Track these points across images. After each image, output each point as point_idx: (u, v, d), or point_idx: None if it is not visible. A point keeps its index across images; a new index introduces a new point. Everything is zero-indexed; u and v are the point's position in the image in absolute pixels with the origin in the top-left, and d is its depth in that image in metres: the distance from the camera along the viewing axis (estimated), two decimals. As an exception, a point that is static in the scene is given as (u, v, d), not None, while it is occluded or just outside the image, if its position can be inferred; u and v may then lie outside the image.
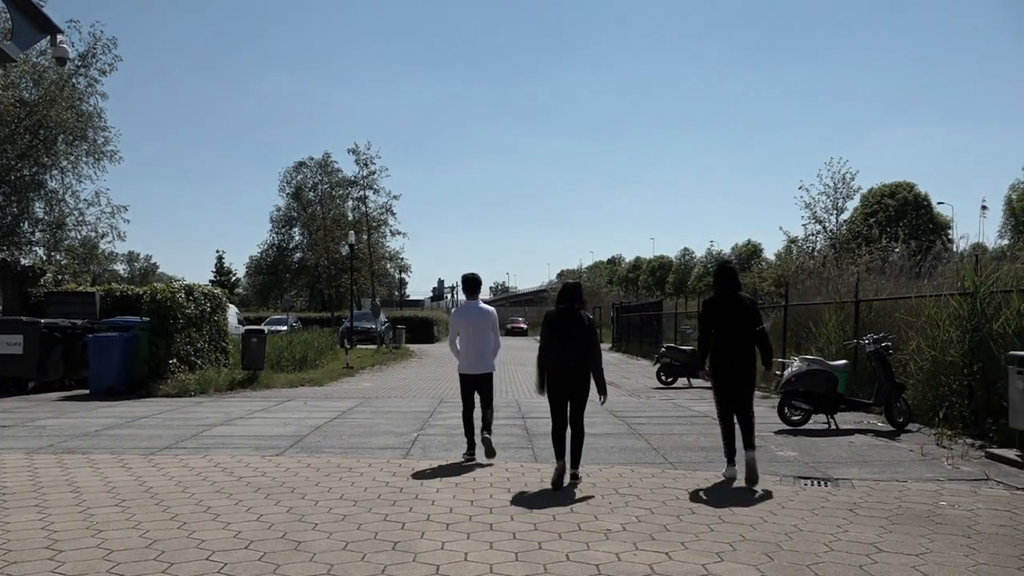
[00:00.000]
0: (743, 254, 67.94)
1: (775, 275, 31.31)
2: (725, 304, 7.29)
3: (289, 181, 60.86)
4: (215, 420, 11.19)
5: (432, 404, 13.52)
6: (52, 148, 30.91)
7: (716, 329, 7.27)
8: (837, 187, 32.05)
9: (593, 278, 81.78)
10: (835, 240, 31.77)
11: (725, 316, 7.25)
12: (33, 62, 28.95)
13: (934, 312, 10.78)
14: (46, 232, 32.82)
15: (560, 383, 6.90)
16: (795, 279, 21.09)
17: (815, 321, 15.39)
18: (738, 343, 7.17)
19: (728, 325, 7.21)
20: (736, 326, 7.18)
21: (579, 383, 6.89)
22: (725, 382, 7.28)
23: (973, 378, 9.72)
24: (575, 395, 6.92)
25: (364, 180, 52.99)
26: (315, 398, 14.60)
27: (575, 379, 6.87)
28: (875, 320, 13.53)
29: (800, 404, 10.46)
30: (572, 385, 6.89)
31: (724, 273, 7.50)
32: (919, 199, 43.47)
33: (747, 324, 7.19)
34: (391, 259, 61.27)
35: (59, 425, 10.67)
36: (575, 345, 6.83)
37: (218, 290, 18.28)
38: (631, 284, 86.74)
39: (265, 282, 63.44)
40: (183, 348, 15.99)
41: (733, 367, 7.18)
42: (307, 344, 22.09)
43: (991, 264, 10.99)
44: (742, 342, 7.17)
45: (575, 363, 6.83)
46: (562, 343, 6.87)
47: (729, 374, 7.21)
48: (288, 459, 8.03)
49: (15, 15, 8.80)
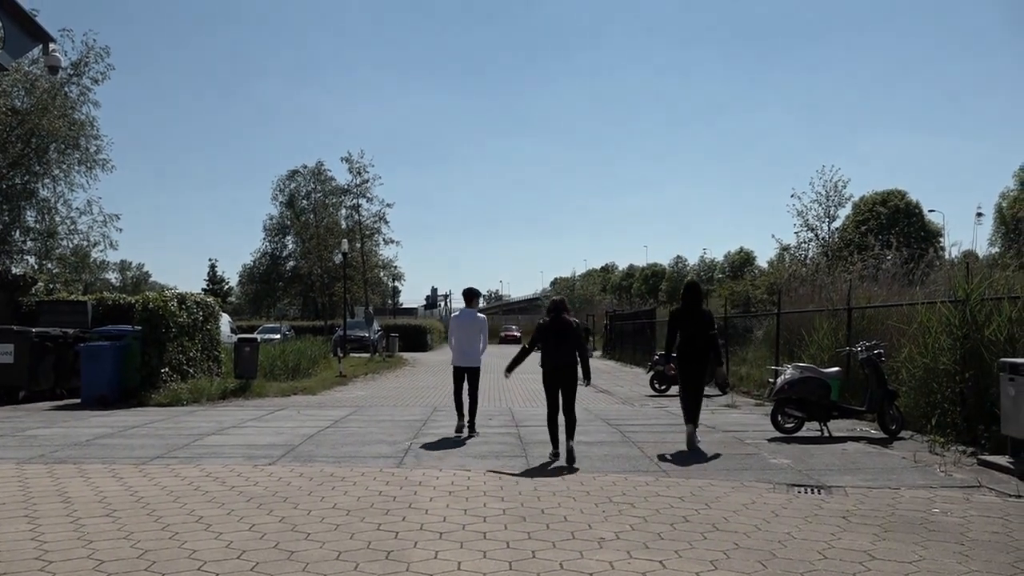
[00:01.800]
0: (736, 262, 68.01)
1: (768, 283, 31.33)
2: (689, 314, 9.46)
3: (282, 189, 60.85)
4: (207, 429, 11.14)
5: (426, 413, 13.49)
6: (44, 157, 30.81)
7: (681, 332, 9.48)
8: (829, 195, 32.18)
9: (586, 286, 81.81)
10: (827, 248, 31.87)
11: (688, 323, 9.44)
12: (25, 70, 28.84)
13: (926, 319, 10.82)
14: (37, 241, 32.67)
15: (554, 377, 8.69)
16: (788, 287, 21.14)
17: (808, 328, 15.43)
18: (697, 343, 9.38)
19: (690, 329, 9.40)
20: (696, 331, 9.39)
21: (569, 376, 8.64)
22: (687, 371, 9.52)
23: (965, 385, 9.75)
24: (566, 386, 8.65)
25: (357, 188, 52.93)
26: (308, 407, 14.55)
27: (566, 374, 8.63)
28: (867, 327, 13.57)
29: (793, 411, 10.47)
30: (564, 378, 8.65)
31: (689, 289, 9.71)
32: (910, 207, 43.62)
33: (704, 329, 9.40)
34: (384, 267, 61.21)
35: (50, 435, 10.61)
36: (566, 346, 8.63)
37: (210, 299, 18.22)
38: (624, 292, 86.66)
39: (258, 290, 63.29)
40: (175, 357, 15.93)
41: (693, 360, 9.46)
42: (300, 353, 22.03)
43: (982, 271, 11.05)
44: (700, 342, 9.37)
45: (566, 361, 8.61)
46: (556, 345, 8.65)
47: (690, 365, 9.49)
48: (281, 468, 8.00)
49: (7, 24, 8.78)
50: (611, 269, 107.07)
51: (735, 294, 32.15)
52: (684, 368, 9.52)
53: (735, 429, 11.17)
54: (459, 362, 10.73)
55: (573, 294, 73.93)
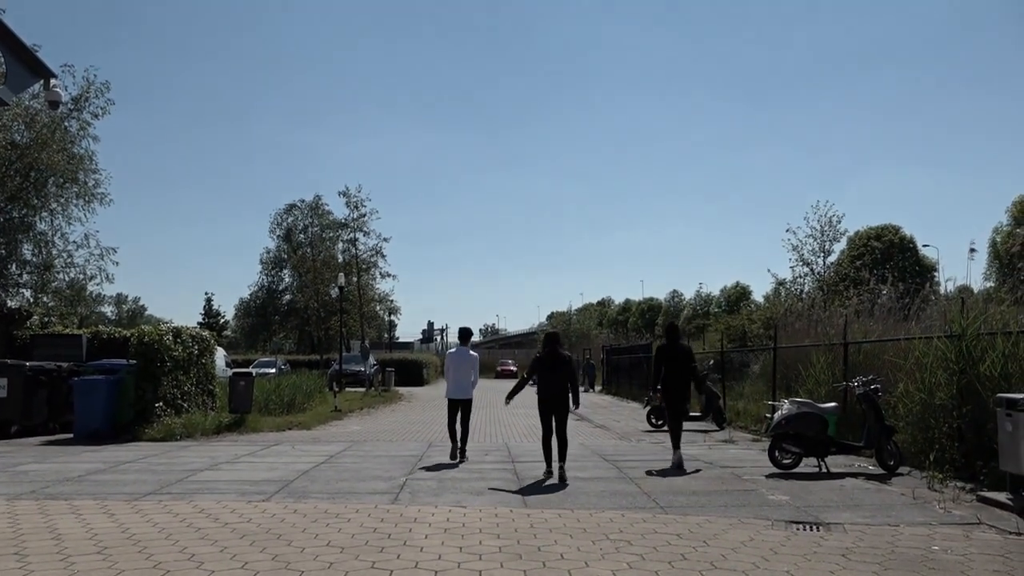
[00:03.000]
0: (732, 296, 68.14)
1: (764, 317, 31.36)
2: (671, 350, 11.00)
3: (280, 223, 61.00)
4: (201, 465, 11.04)
5: (421, 448, 13.39)
6: (42, 190, 30.86)
7: (665, 366, 10.93)
8: (824, 230, 32.32)
9: (583, 320, 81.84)
10: (823, 283, 31.95)
11: (671, 358, 10.93)
12: (26, 105, 29.04)
13: (922, 355, 10.82)
14: (34, 274, 32.60)
15: (548, 404, 10.00)
16: (784, 321, 21.15)
17: (804, 363, 15.41)
18: (679, 375, 10.87)
19: (672, 364, 10.89)
20: (678, 364, 10.89)
21: (562, 403, 9.95)
22: (671, 400, 10.93)
23: (962, 420, 9.73)
24: (558, 412, 9.96)
25: (354, 222, 53.10)
26: (303, 442, 14.44)
27: (559, 401, 9.94)
28: (864, 362, 13.56)
29: (790, 447, 10.42)
30: (557, 405, 9.96)
31: (671, 330, 11.55)
32: (905, 242, 43.84)
33: (685, 363, 10.95)
34: (381, 301, 61.15)
35: (42, 470, 10.50)
36: (559, 377, 9.91)
37: (206, 333, 18.16)
38: (621, 326, 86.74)
39: (254, 324, 63.11)
40: (170, 391, 15.83)
41: (676, 390, 10.90)
42: (295, 387, 21.92)
43: (977, 306, 11.07)
44: (681, 375, 10.90)
45: (559, 390, 9.91)
46: (550, 376, 9.95)
47: (673, 395, 10.91)
48: (274, 505, 7.92)
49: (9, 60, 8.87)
50: (607, 303, 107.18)
51: (731, 328, 32.16)
52: (670, 397, 10.95)
53: (733, 465, 11.10)
54: (453, 395, 11.74)
55: (569, 328, 73.91)
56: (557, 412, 9.94)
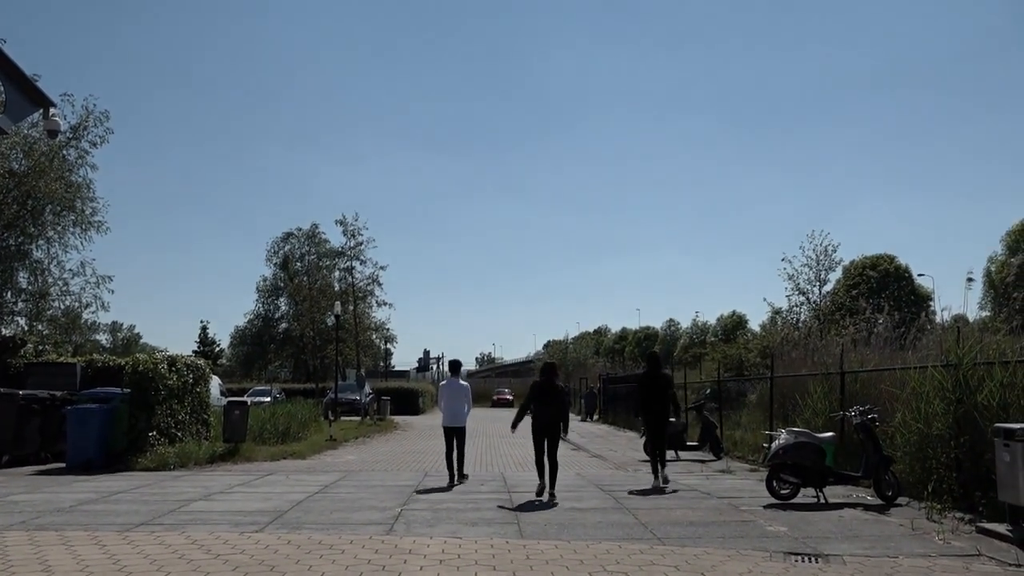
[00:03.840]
0: (728, 325, 68.13)
1: (760, 346, 31.35)
2: (652, 378, 12.09)
3: (276, 251, 61.06)
4: (194, 495, 10.94)
5: (416, 478, 13.30)
6: (39, 218, 30.88)
7: (646, 394, 12.03)
8: (819, 259, 32.45)
9: (579, 349, 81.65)
10: (819, 312, 31.99)
11: (651, 385, 12.03)
12: (24, 133, 29.14)
13: (919, 384, 10.80)
14: (29, 302, 32.50)
15: (542, 430, 10.85)
16: (780, 350, 21.13)
17: (801, 392, 15.36)
18: (659, 401, 11.98)
19: (653, 391, 11.99)
20: (659, 391, 11.99)
21: (554, 430, 10.88)
22: (651, 424, 12.17)
23: (960, 451, 9.68)
24: (551, 437, 10.85)
25: (351, 251, 53.23)
26: (297, 472, 14.33)
27: (551, 428, 10.86)
28: (861, 391, 13.53)
29: (788, 477, 10.35)
30: (549, 431, 10.86)
31: (651, 359, 12.57)
32: (900, 271, 43.97)
33: (665, 391, 12.04)
34: (377, 330, 61.07)
35: (32, 500, 10.39)
36: (553, 406, 10.89)
37: (201, 361, 18.10)
38: (617, 355, 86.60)
39: (249, 352, 62.88)
40: (163, 420, 15.73)
41: (656, 415, 12.03)
42: (290, 416, 21.79)
43: (973, 335, 11.08)
44: (662, 401, 11.98)
45: (551, 418, 10.84)
46: (544, 404, 10.88)
47: (653, 420, 12.08)
48: (268, 536, 7.84)
49: (9, 89, 8.93)
50: (604, 332, 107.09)
51: (728, 357, 32.16)
52: (649, 421, 12.13)
53: (730, 495, 11.02)
54: (448, 423, 12.47)
55: (566, 357, 73.73)
56: (550, 437, 10.86)
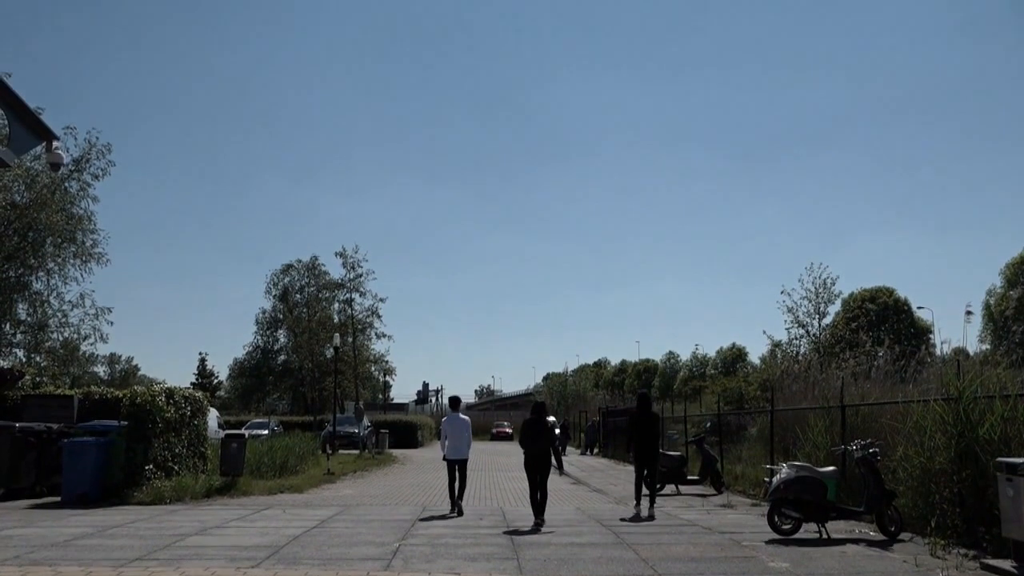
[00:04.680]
0: (728, 358, 68.05)
1: (760, 379, 31.25)
2: (642, 416, 13.25)
3: (276, 283, 61.05)
4: (190, 529, 10.83)
5: (415, 512, 13.18)
6: (40, 250, 30.95)
7: (636, 431, 13.25)
8: (818, 292, 32.53)
9: (579, 382, 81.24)
10: (819, 344, 31.96)
11: (642, 423, 13.20)
12: (27, 166, 29.27)
13: (920, 418, 10.76)
14: (27, 334, 32.47)
15: (533, 464, 11.85)
16: (780, 383, 21.06)
17: (802, 426, 15.30)
18: (648, 438, 13.18)
19: (643, 428, 13.17)
20: (647, 429, 13.20)
21: (544, 463, 11.83)
22: (641, 458, 13.22)
23: (963, 485, 9.61)
24: (541, 469, 11.78)
25: (351, 283, 53.26)
26: (294, 506, 14.20)
27: (541, 461, 11.82)
28: (861, 425, 13.48)
29: (790, 512, 10.26)
30: (539, 464, 11.80)
31: (642, 398, 13.70)
32: (899, 304, 44.03)
33: (653, 428, 13.31)
34: (376, 362, 60.89)
35: (27, 535, 10.28)
36: (541, 441, 11.93)
37: (199, 393, 18.03)
38: (617, 388, 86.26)
39: (248, 385, 62.63)
40: (160, 453, 15.62)
41: (646, 450, 13.15)
42: (288, 449, 21.64)
43: (974, 369, 11.06)
44: (650, 437, 13.19)
45: (542, 451, 11.84)
46: (533, 440, 11.94)
47: (643, 454, 13.18)
48: (264, 571, 7.74)
49: (13, 122, 8.99)
50: (604, 364, 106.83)
51: (728, 391, 32.03)
52: (640, 455, 13.21)
53: (732, 530, 10.92)
54: (450, 456, 13.08)
55: (566, 390, 73.40)
56: (540, 469, 11.77)
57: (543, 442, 11.87)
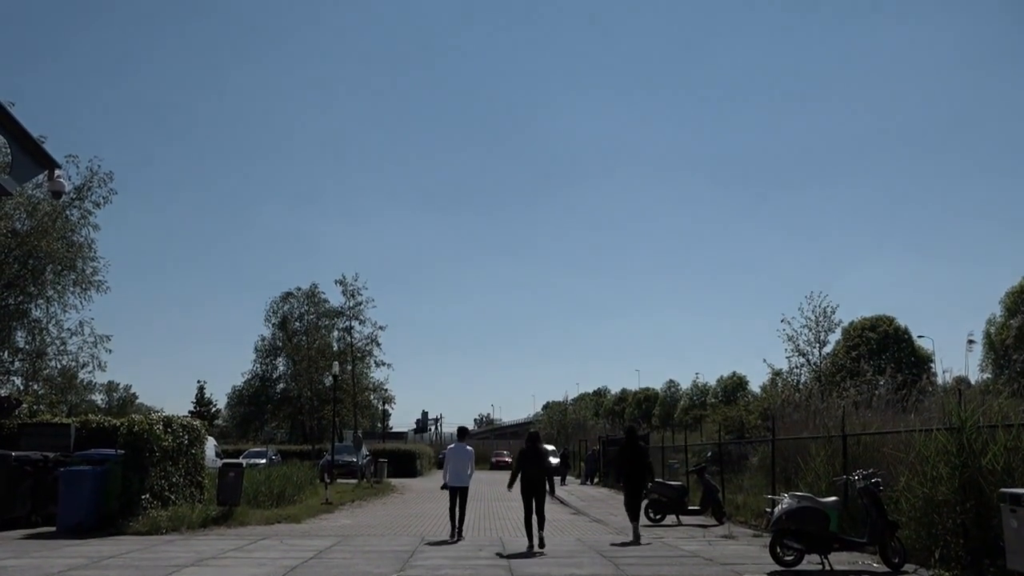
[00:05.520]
0: (728, 386, 67.82)
1: (761, 408, 31.14)
2: (630, 449, 14.08)
3: (275, 311, 60.91)
4: (185, 560, 10.71)
5: (413, 542, 13.05)
6: (40, 277, 30.92)
7: (625, 462, 14.03)
8: (819, 320, 32.46)
9: (579, 410, 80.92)
10: (819, 373, 31.86)
11: (630, 455, 13.99)
12: (28, 194, 29.34)
13: (923, 447, 10.68)
14: (25, 361, 32.35)
15: (529, 488, 12.54)
16: (782, 412, 20.95)
17: (803, 455, 15.19)
18: (637, 469, 13.87)
19: (631, 460, 13.94)
20: (636, 461, 13.94)
21: (540, 488, 12.55)
22: (630, 488, 13.92)
23: (966, 516, 9.52)
24: (537, 495, 12.48)
25: (350, 311, 53.20)
26: (292, 536, 14.06)
27: (537, 486, 12.54)
28: (863, 455, 13.38)
29: (792, 543, 10.16)
30: (536, 489, 12.52)
31: (629, 432, 14.82)
32: (899, 332, 43.98)
33: (642, 460, 14.06)
34: (375, 390, 60.65)
35: (20, 566, 10.17)
36: (538, 467, 12.72)
37: (197, 422, 17.94)
38: (617, 416, 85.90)
39: (246, 413, 62.30)
40: (157, 483, 15.49)
41: (634, 480, 13.86)
42: (286, 478, 21.49)
43: (976, 398, 11.00)
44: (639, 469, 13.88)
45: (538, 477, 12.60)
46: (530, 466, 12.71)
47: (632, 483, 13.89)
48: (260, 603, 7.64)
49: (15, 151, 9.05)
50: (604, 393, 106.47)
51: (729, 419, 31.92)
52: (628, 485, 13.93)
53: (733, 562, 10.80)
54: (452, 483, 13.70)
55: (566, 419, 73.07)
56: (536, 495, 12.48)
57: (538, 469, 12.67)
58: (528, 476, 12.56)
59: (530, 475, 12.55)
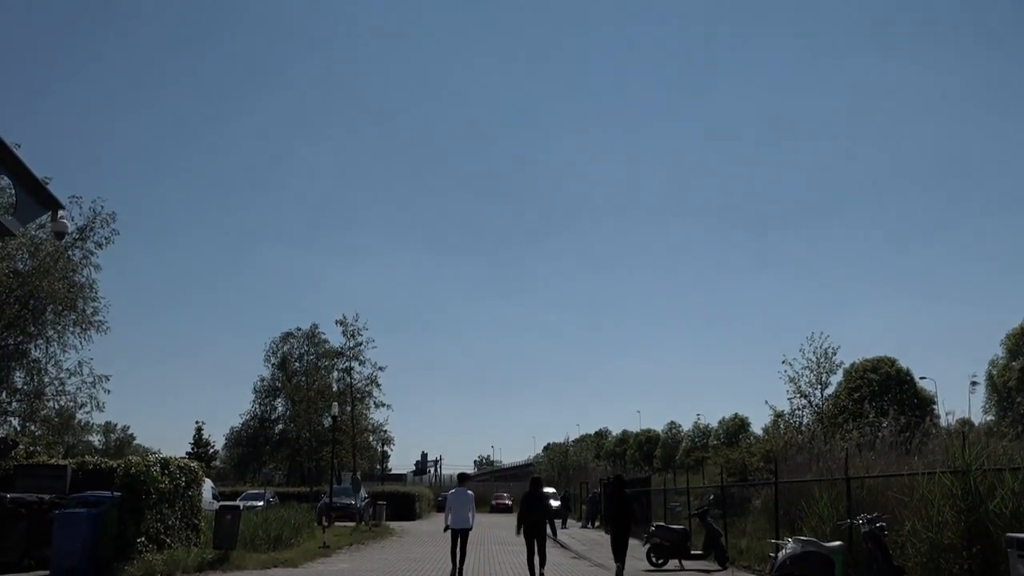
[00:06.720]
0: (730, 428, 67.32)
1: (763, 450, 30.86)
2: (617, 495, 15.43)
3: (275, 351, 60.83)
4: (180, 605, 10.52)
5: (412, 588, 12.85)
6: (40, 318, 30.83)
7: (612, 507, 15.20)
8: (820, 362, 32.32)
9: (580, 452, 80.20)
10: (822, 415, 31.64)
11: (616, 501, 15.21)
12: (31, 234, 29.42)
13: (927, 491, 10.56)
14: (23, 402, 32.15)
15: (531, 532, 13.79)
16: (784, 454, 20.77)
17: (807, 498, 15.02)
18: (622, 514, 14.96)
19: (618, 506, 15.10)
20: (622, 506, 15.10)
21: (540, 531, 13.81)
22: (616, 533, 14.89)
23: (973, 561, 9.39)
24: (538, 536, 13.75)
25: (350, 351, 53.07)
26: (288, 581, 13.84)
27: (538, 529, 13.80)
28: (868, 498, 13.22)
29: (797, 589, 10.00)
30: (537, 532, 13.78)
31: (617, 480, 16.86)
32: (901, 374, 43.79)
33: (628, 506, 15.22)
34: (374, 431, 60.21)
35: (12, 611, 9.99)
36: (539, 511, 14.05)
37: (194, 463, 17.79)
38: (619, 458, 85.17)
39: (244, 454, 61.80)
40: (153, 525, 15.31)
41: (620, 526, 14.87)
42: (283, 521, 21.23)
43: (980, 440, 10.92)
44: (624, 514, 14.98)
45: (538, 520, 13.89)
46: (532, 510, 13.93)
47: (617, 528, 14.89)
48: (255, 650, 7.49)
49: (19, 192, 9.10)
50: (605, 435, 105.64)
51: (731, 462, 31.61)
52: (615, 530, 14.99)
53: (737, 608, 10.61)
54: (455, 525, 14.57)
55: (567, 460, 72.38)
56: (537, 537, 13.70)
57: (540, 512, 13.93)
58: (529, 519, 13.74)
59: (532, 519, 13.73)
